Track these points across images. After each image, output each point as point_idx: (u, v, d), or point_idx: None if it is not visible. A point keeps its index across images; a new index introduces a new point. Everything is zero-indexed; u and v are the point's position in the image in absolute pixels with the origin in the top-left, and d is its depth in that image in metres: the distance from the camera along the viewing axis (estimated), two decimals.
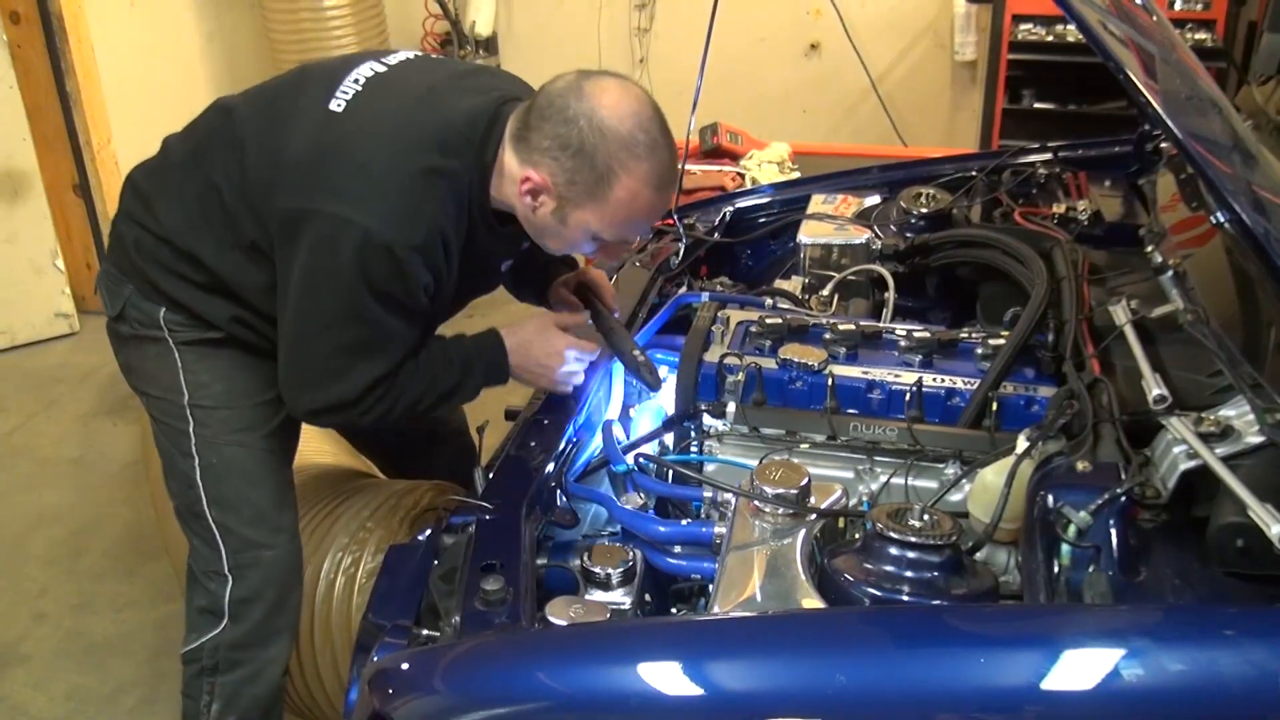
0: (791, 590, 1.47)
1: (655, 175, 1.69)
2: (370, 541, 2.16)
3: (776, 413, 1.93)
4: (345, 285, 1.69)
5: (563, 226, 1.74)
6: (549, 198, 1.71)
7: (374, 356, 1.74)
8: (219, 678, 2.02)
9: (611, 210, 1.70)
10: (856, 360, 1.99)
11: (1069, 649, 1.25)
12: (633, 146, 1.65)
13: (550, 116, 1.67)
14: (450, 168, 1.72)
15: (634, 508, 1.76)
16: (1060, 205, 2.40)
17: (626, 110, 1.66)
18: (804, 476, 1.63)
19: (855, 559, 1.50)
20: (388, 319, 1.73)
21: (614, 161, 1.65)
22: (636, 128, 1.66)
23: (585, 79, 1.68)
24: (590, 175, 1.66)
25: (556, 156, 1.67)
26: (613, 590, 1.58)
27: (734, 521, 1.63)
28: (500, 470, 1.80)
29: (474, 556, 1.55)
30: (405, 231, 1.68)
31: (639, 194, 1.69)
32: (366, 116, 1.74)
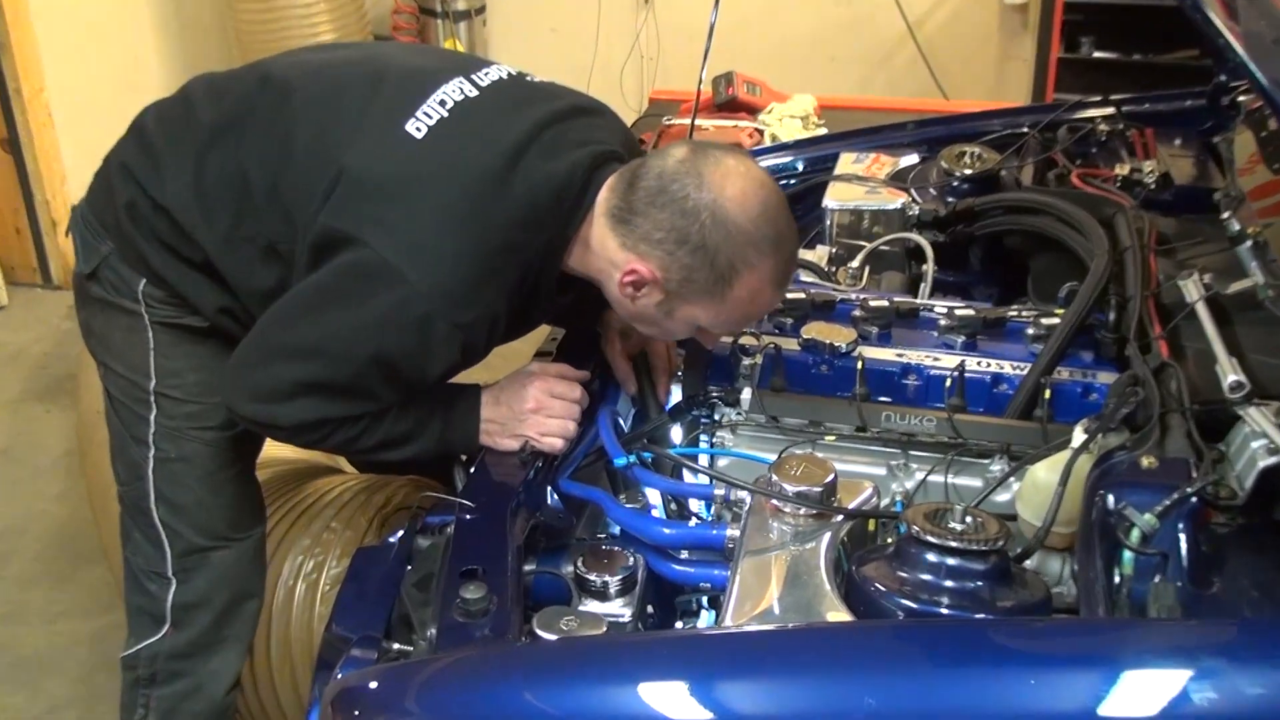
0: (814, 601, 1.47)
1: (779, 272, 1.71)
2: (335, 544, 2.16)
3: (798, 400, 1.92)
4: (354, 331, 1.68)
5: (667, 319, 1.76)
6: (656, 290, 1.71)
7: (335, 402, 1.74)
8: (156, 690, 2.02)
9: (728, 308, 1.72)
10: (890, 341, 1.98)
11: (1131, 669, 1.24)
12: (759, 244, 1.66)
13: (665, 205, 1.66)
14: (527, 244, 1.72)
15: (635, 507, 1.75)
16: (1124, 166, 2.39)
17: (753, 202, 1.66)
18: (829, 473, 1.63)
19: (887, 566, 1.49)
20: (377, 384, 1.72)
21: (737, 260, 1.66)
22: (764, 222, 1.66)
23: (701, 159, 1.67)
24: (709, 274, 1.67)
25: (671, 251, 1.67)
26: (610, 600, 1.57)
27: (749, 523, 1.62)
28: (483, 464, 1.79)
29: (452, 561, 1.55)
30: (456, 309, 1.67)
31: (760, 292, 1.71)
32: (449, 156, 1.72)
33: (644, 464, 1.84)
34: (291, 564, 2.16)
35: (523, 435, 1.81)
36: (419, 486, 2.26)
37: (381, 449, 1.81)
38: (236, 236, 1.80)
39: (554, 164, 1.73)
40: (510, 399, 1.83)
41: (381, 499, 2.23)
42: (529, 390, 1.82)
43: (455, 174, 1.70)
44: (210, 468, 1.96)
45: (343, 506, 2.20)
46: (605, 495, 1.79)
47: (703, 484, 1.84)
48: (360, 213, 1.68)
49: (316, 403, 1.72)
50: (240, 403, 1.76)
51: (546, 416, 1.82)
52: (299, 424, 1.75)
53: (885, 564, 1.50)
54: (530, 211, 1.70)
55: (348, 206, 1.69)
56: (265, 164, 1.77)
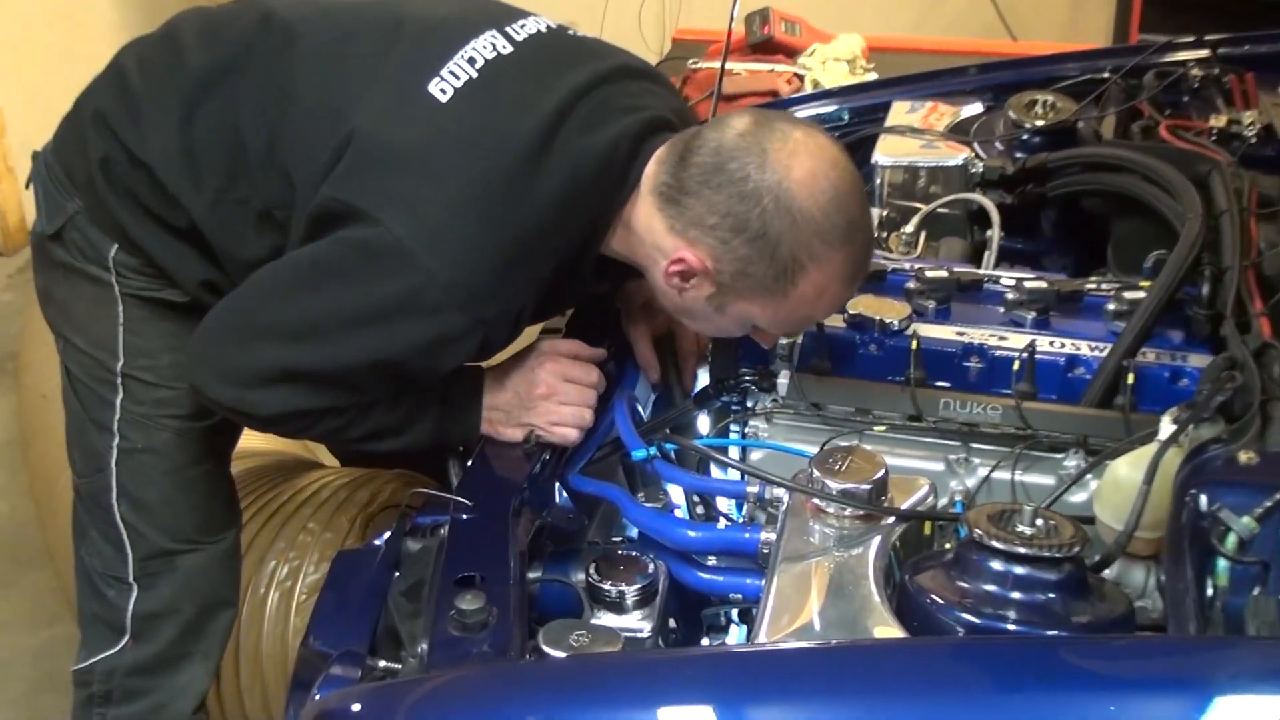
0: (861, 615, 1.47)
1: (850, 267, 1.69)
2: (313, 547, 2.18)
3: (843, 385, 1.92)
4: (354, 316, 1.68)
5: (718, 315, 1.75)
6: (707, 283, 1.70)
7: (321, 392, 1.74)
8: (112, 709, 2.03)
9: (789, 307, 1.70)
10: (949, 317, 1.98)
11: (1226, 695, 1.23)
12: (827, 234, 1.64)
13: (721, 186, 1.65)
14: (563, 228, 1.71)
15: (655, 507, 1.75)
16: (1220, 117, 2.38)
17: (823, 185, 1.64)
18: (879, 468, 1.63)
19: (945, 576, 1.49)
20: (372, 376, 1.72)
21: (802, 252, 1.64)
22: (834, 208, 1.64)
23: (766, 133, 1.65)
24: (769, 268, 1.65)
25: (726, 239, 1.65)
26: (627, 613, 1.57)
27: (786, 525, 1.62)
28: (482, 457, 1.79)
29: (446, 567, 1.55)
30: (476, 302, 1.67)
31: (826, 289, 1.69)
32: (478, 125, 1.70)
33: (666, 457, 1.84)
34: (264, 570, 2.18)
35: (529, 424, 1.81)
36: (408, 482, 2.27)
37: (370, 440, 1.81)
38: (227, 200, 1.80)
39: (597, 135, 1.71)
40: (516, 383, 1.83)
41: (365, 496, 2.24)
42: (538, 373, 1.82)
43: (484, 146, 1.69)
44: (180, 461, 1.97)
45: (321, 505, 2.21)
46: (622, 493, 1.79)
47: (733, 480, 1.84)
48: (372, 184, 1.68)
49: (300, 392, 1.72)
50: (209, 384, 1.76)
51: (558, 403, 1.81)
52: (277, 414, 1.75)
53: (943, 573, 1.50)
54: (568, 191, 1.69)
55: (358, 176, 1.69)
56: (262, 118, 1.77)
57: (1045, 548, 1.44)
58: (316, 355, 1.70)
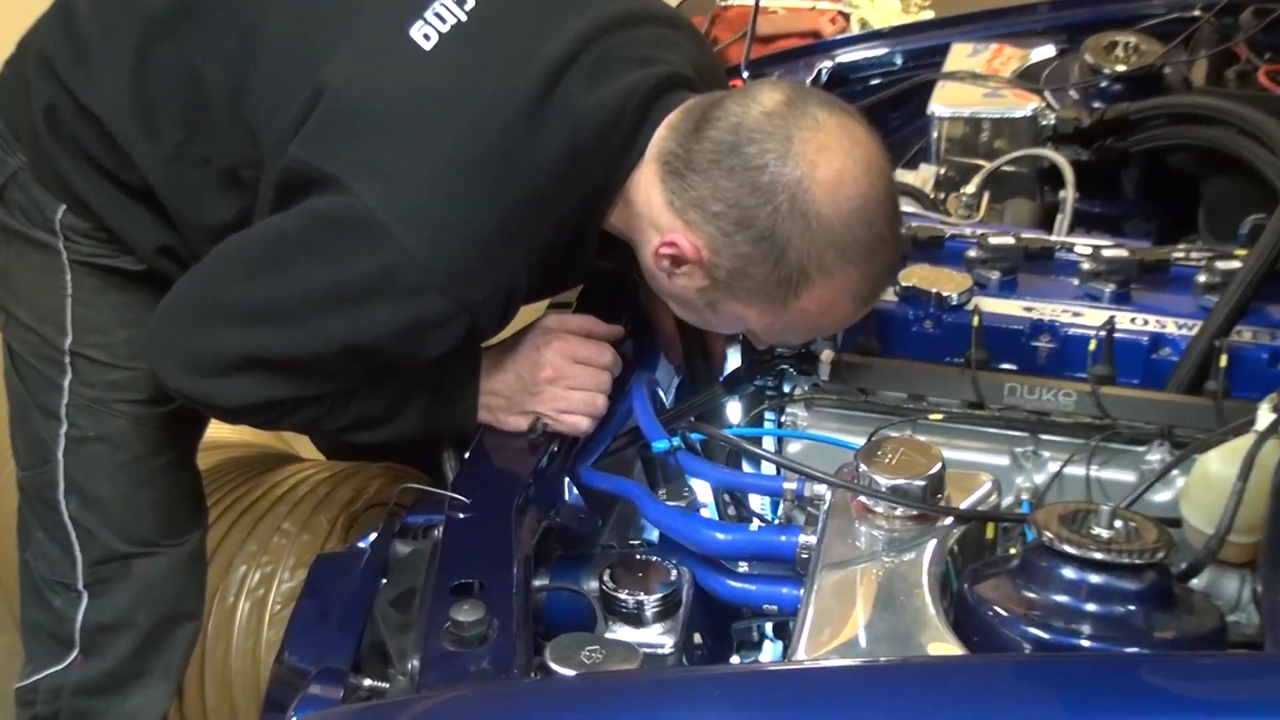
0: (914, 629, 1.47)
1: (864, 287, 1.69)
2: (289, 550, 2.18)
3: (894, 367, 1.93)
4: (325, 297, 1.68)
5: (708, 310, 1.76)
6: (699, 274, 1.70)
7: (292, 381, 1.74)
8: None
9: (788, 318, 1.71)
10: (1015, 290, 1.98)
11: None
12: (845, 247, 1.64)
13: (733, 170, 1.64)
14: (562, 198, 1.72)
15: (679, 505, 1.76)
16: None
17: (850, 191, 1.63)
18: (935, 461, 1.62)
19: (1010, 585, 1.49)
20: (348, 364, 1.73)
21: (811, 263, 1.64)
22: (858, 219, 1.63)
23: (796, 117, 1.64)
24: (771, 273, 1.65)
25: (728, 232, 1.65)
26: (647, 626, 1.57)
27: (829, 526, 1.62)
28: (481, 448, 1.80)
29: (441, 573, 1.56)
30: (462, 283, 1.67)
31: (833, 307, 1.69)
32: (465, 77, 1.70)
33: (691, 448, 1.84)
34: (232, 576, 2.18)
35: (534, 411, 1.81)
36: (397, 477, 2.28)
37: (352, 431, 1.82)
38: (187, 156, 1.80)
39: (602, 90, 1.71)
40: (520, 364, 1.83)
41: (348, 493, 2.24)
42: (545, 353, 1.82)
43: (471, 102, 1.69)
44: (138, 452, 1.98)
45: (298, 503, 2.22)
46: (640, 489, 1.79)
47: (768, 475, 1.84)
48: (343, 146, 1.68)
49: (268, 381, 1.73)
50: (168, 371, 1.77)
51: (567, 388, 1.81)
52: (244, 405, 1.76)
53: (1007, 581, 1.49)
54: (569, 155, 1.69)
55: (328, 135, 1.69)
56: (226, 65, 1.77)
57: (1125, 553, 1.44)
58: (283, 340, 1.71)
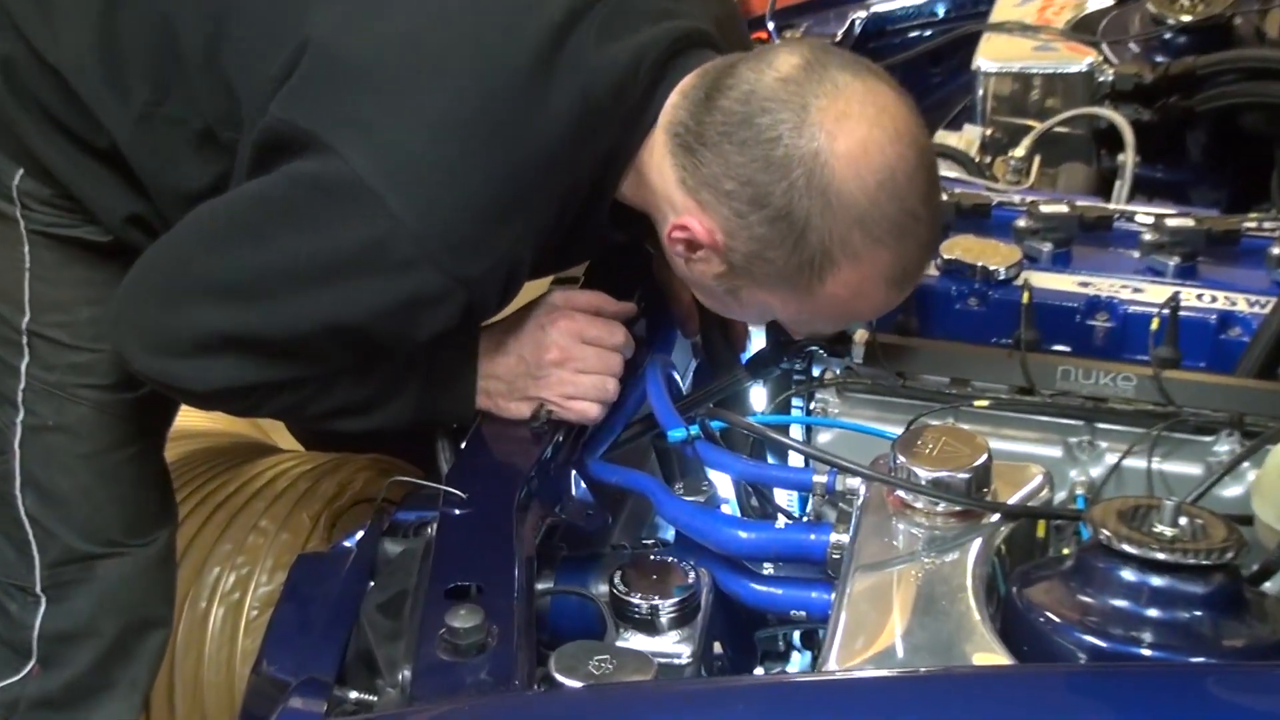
0: (957, 637, 1.47)
1: (898, 269, 1.69)
2: (266, 551, 2.18)
3: (935, 348, 1.93)
4: (308, 270, 1.68)
5: (729, 298, 1.76)
6: (715, 259, 1.71)
7: (272, 364, 1.75)
8: None
9: (815, 305, 1.71)
10: (1069, 264, 1.98)
11: None
12: (872, 225, 1.63)
13: (745, 144, 1.64)
14: (571, 165, 1.72)
15: (697, 500, 1.77)
16: None
17: (876, 162, 1.62)
18: (980, 452, 1.62)
19: (1064, 588, 1.49)
20: (333, 345, 1.73)
21: (835, 245, 1.64)
22: (886, 194, 1.63)
23: (814, 83, 1.63)
24: (791, 256, 1.65)
25: (742, 212, 1.65)
26: (662, 633, 1.57)
27: (863, 524, 1.63)
28: (479, 437, 1.81)
29: (434, 575, 1.56)
30: (459, 257, 1.67)
31: (864, 292, 1.69)
32: (464, 30, 1.70)
33: (711, 438, 1.84)
34: (204, 579, 2.18)
35: (538, 397, 1.82)
36: (386, 469, 2.28)
37: (336, 418, 1.83)
38: (159, 115, 1.81)
39: (615, 47, 1.71)
40: (522, 345, 1.83)
41: (332, 488, 2.24)
42: (550, 332, 1.83)
43: (472, 57, 1.69)
44: (101, 442, 1.98)
45: (277, 498, 2.21)
46: (655, 483, 1.79)
47: (796, 467, 1.85)
48: (329, 103, 1.68)
49: (243, 363, 1.74)
50: (133, 351, 1.78)
51: (574, 371, 1.82)
52: (217, 389, 1.77)
53: (1061, 584, 1.49)
54: (578, 117, 1.69)
55: (312, 94, 1.69)
56: (202, 13, 1.78)
57: (1190, 553, 1.43)
58: (260, 318, 1.71)
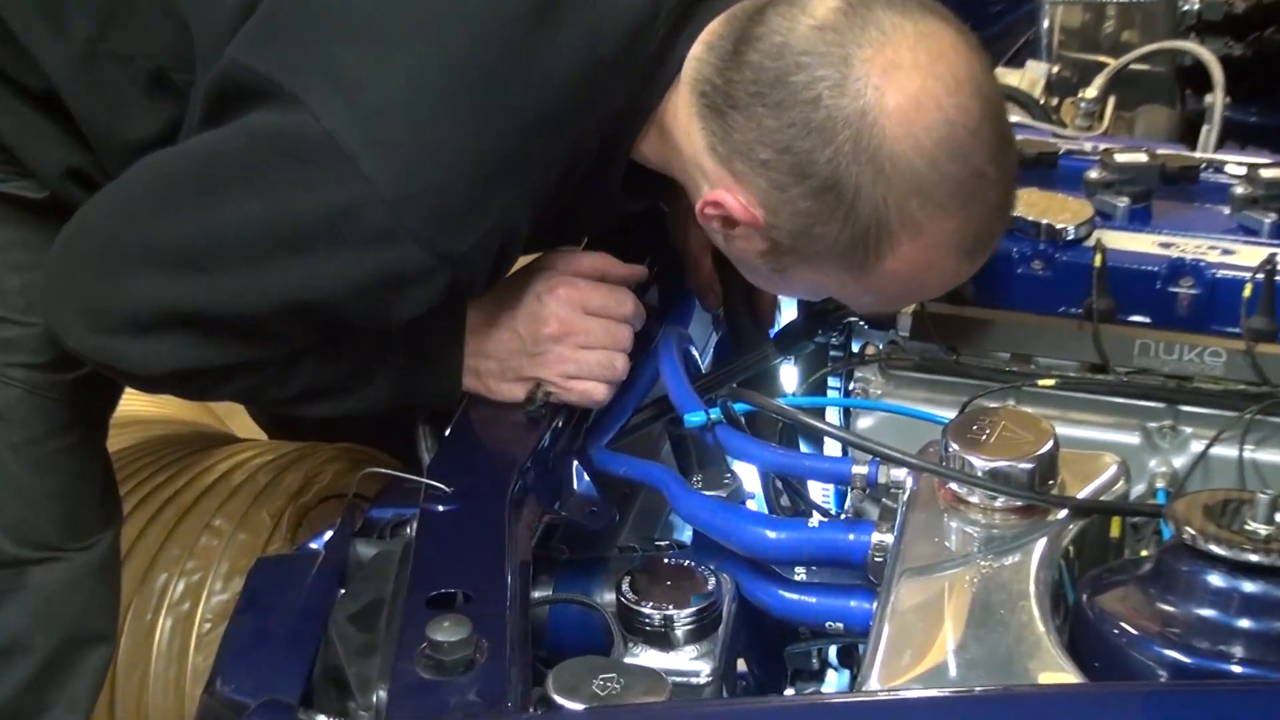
0: (1018, 651, 1.46)
1: (968, 235, 1.69)
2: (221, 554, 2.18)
3: (993, 319, 1.94)
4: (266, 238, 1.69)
5: (777, 277, 1.78)
6: (757, 237, 1.72)
7: (225, 344, 1.75)
8: None
9: (876, 283, 1.72)
10: (1149, 222, 1.98)
11: None
12: (934, 191, 1.64)
13: (780, 106, 1.64)
14: (577, 122, 1.72)
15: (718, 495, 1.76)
16: None
17: (934, 118, 1.62)
18: (1045, 439, 1.62)
19: (1142, 595, 1.48)
20: (295, 324, 1.73)
21: (892, 215, 1.64)
22: (948, 153, 1.63)
23: (856, 30, 1.63)
24: (845, 232, 1.66)
25: (782, 185, 1.66)
26: (678, 648, 1.57)
27: (909, 521, 1.63)
28: (465, 423, 1.81)
29: (415, 581, 1.56)
30: (441, 229, 1.67)
31: (931, 266, 1.70)
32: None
33: (734, 423, 1.84)
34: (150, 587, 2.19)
35: (535, 377, 1.82)
36: (358, 460, 2.28)
37: (300, 402, 1.83)
38: (103, 53, 1.82)
39: None
40: (517, 318, 1.84)
41: (297, 481, 2.24)
42: (549, 303, 1.83)
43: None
44: (34, 431, 2.00)
45: (233, 494, 2.22)
46: (669, 475, 1.80)
47: (832, 456, 1.86)
48: (296, 50, 1.68)
49: (195, 342, 1.74)
50: (70, 328, 1.78)
51: (577, 347, 1.82)
52: (165, 371, 1.77)
53: (1138, 591, 1.49)
54: (584, 68, 1.69)
55: (277, 35, 1.69)
56: None
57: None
58: (213, 293, 1.71)
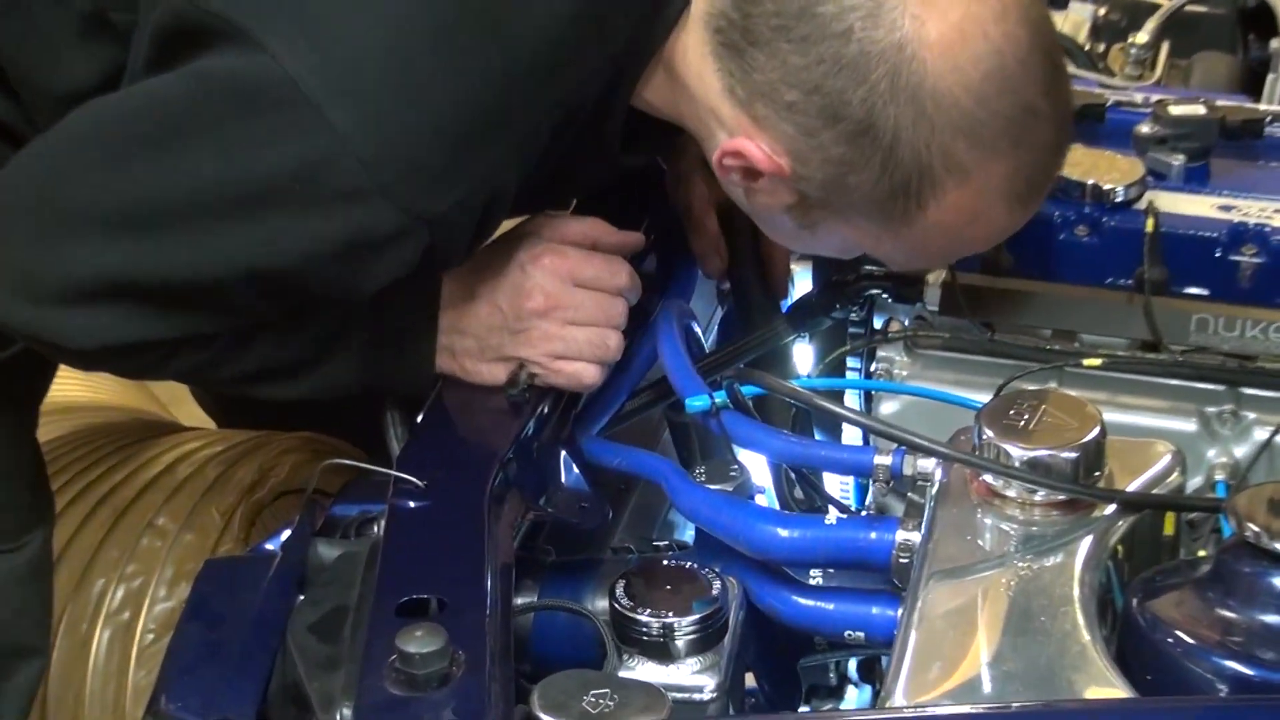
0: (1061, 663, 1.46)
1: (1020, 179, 1.70)
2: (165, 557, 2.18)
3: (1032, 291, 1.94)
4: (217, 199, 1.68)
5: (805, 233, 1.79)
6: (783, 189, 1.72)
7: (166, 315, 1.74)
8: None
9: (915, 239, 1.73)
10: (1207, 182, 1.99)
11: None
12: (982, 132, 1.64)
13: (806, 41, 1.64)
14: (570, 69, 1.72)
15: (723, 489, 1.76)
16: None
17: (980, 49, 1.63)
18: (1091, 425, 1.62)
19: (1200, 599, 1.49)
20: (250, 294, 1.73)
21: (939, 161, 1.65)
22: (996, 88, 1.64)
23: None
24: (883, 180, 1.66)
25: (811, 129, 1.66)
26: (678, 661, 1.57)
27: (939, 518, 1.63)
28: (440, 410, 1.81)
29: (383, 586, 1.55)
30: (417, 187, 1.67)
31: (979, 216, 1.71)
32: None
33: (742, 408, 1.82)
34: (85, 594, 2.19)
35: (518, 358, 1.82)
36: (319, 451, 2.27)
37: (254, 382, 1.83)
38: None
39: None
40: (499, 291, 1.83)
41: (250, 475, 2.24)
42: (533, 274, 1.83)
43: None
44: None
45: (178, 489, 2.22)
46: (669, 467, 1.80)
47: (851, 445, 1.86)
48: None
49: (138, 314, 1.73)
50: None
51: (565, 323, 1.82)
52: (105, 346, 1.76)
53: (1195, 595, 1.49)
54: (577, 8, 1.70)
55: None
56: None
57: None
58: (160, 258, 1.70)
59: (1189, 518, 1.68)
